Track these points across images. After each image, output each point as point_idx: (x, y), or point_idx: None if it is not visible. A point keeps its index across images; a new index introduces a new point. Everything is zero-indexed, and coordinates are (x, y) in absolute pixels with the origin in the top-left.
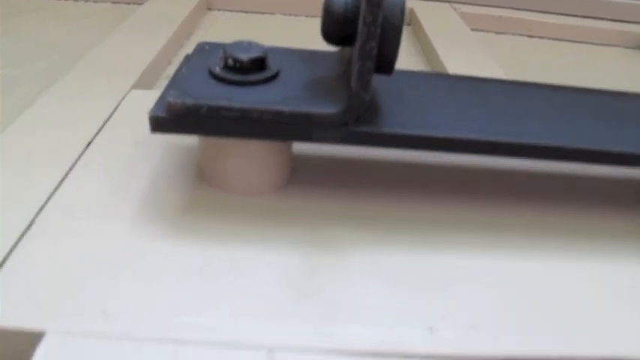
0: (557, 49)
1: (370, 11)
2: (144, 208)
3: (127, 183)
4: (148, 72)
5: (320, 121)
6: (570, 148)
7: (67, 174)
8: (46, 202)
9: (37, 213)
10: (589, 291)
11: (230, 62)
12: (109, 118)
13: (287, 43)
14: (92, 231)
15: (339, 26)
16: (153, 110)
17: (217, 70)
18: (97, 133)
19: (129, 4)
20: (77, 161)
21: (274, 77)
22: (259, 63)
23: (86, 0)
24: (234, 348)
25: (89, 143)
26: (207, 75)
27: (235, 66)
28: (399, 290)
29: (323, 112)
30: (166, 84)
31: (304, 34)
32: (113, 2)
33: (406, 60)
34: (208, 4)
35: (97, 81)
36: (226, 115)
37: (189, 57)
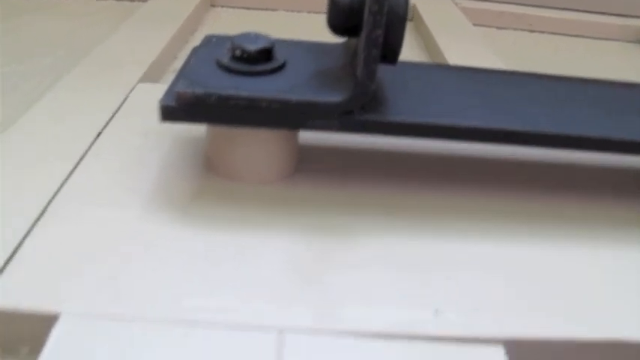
0: (557, 44)
1: (376, 1)
2: (153, 196)
3: (137, 172)
4: (155, 66)
5: (326, 109)
6: (573, 136)
7: (78, 163)
8: (59, 190)
9: (50, 200)
10: (591, 276)
11: (238, 53)
12: (118, 110)
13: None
14: (103, 217)
15: (345, 17)
16: (163, 100)
17: (225, 61)
18: (107, 125)
19: (132, 2)
20: (88, 151)
21: (281, 68)
22: (266, 54)
23: None
24: (244, 329)
25: (99, 134)
26: (215, 66)
27: (243, 57)
28: (405, 275)
29: (329, 101)
30: (174, 76)
31: (307, 30)
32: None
33: (409, 55)
34: (212, 1)
35: (104, 75)
36: (235, 104)
37: (196, 49)
